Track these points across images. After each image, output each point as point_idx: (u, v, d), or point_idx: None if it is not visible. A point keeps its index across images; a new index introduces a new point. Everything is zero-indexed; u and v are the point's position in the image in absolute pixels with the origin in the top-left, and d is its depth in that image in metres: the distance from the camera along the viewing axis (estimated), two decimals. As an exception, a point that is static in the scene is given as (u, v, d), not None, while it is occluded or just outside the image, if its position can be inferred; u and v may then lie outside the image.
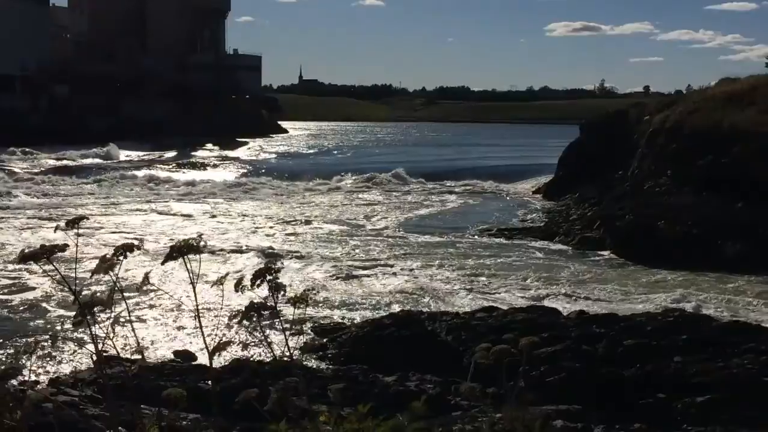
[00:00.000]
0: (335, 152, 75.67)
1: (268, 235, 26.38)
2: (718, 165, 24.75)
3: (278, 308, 2.73)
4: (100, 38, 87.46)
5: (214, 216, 31.61)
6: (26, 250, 2.61)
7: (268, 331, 3.26)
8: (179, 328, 14.11)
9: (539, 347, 10.49)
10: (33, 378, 10.45)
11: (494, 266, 20.91)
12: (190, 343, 12.95)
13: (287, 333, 3.24)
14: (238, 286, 2.69)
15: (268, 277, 2.70)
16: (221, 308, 3.06)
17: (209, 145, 74.32)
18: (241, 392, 4.92)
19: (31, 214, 31.03)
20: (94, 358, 3.12)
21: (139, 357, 5.06)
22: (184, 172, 50.95)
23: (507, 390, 3.22)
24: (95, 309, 2.75)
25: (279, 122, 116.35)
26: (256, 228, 28.08)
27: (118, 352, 3.16)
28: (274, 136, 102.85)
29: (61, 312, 15.17)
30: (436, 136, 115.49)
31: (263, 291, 2.90)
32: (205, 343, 2.94)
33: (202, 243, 2.93)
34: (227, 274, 3.15)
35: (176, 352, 11.74)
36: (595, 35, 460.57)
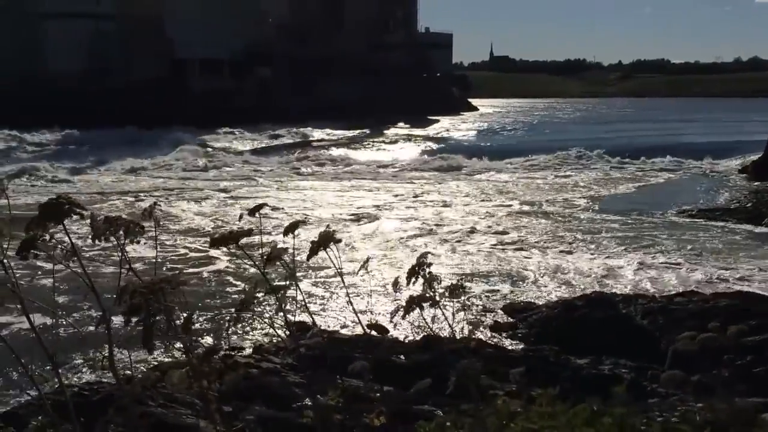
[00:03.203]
0: (525, 130, 74.60)
1: (459, 214, 26.51)
2: None
3: (437, 299, 2.75)
4: (299, 21, 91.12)
5: (415, 196, 32.15)
6: (216, 235, 2.80)
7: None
8: (374, 302, 14.52)
9: (746, 335, 9.86)
10: (239, 344, 11.16)
11: (695, 249, 19.83)
12: (384, 318, 13.31)
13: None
14: (395, 286, 2.75)
15: (422, 273, 2.73)
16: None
17: (401, 124, 75.60)
18: (432, 368, 4.98)
19: (228, 195, 33.07)
20: (290, 329, 3.28)
21: (334, 330, 5.26)
22: (377, 151, 52.24)
23: (712, 379, 3.05)
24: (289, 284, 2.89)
25: (469, 100, 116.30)
26: (450, 206, 28.30)
27: (315, 324, 3.30)
28: (464, 113, 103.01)
29: (241, 284, 15.97)
30: (630, 112, 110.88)
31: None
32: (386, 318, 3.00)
33: (333, 232, 3.00)
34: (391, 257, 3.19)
35: (369, 326, 12.10)
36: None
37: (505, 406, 2.39)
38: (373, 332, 7.29)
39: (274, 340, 9.44)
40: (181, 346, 2.19)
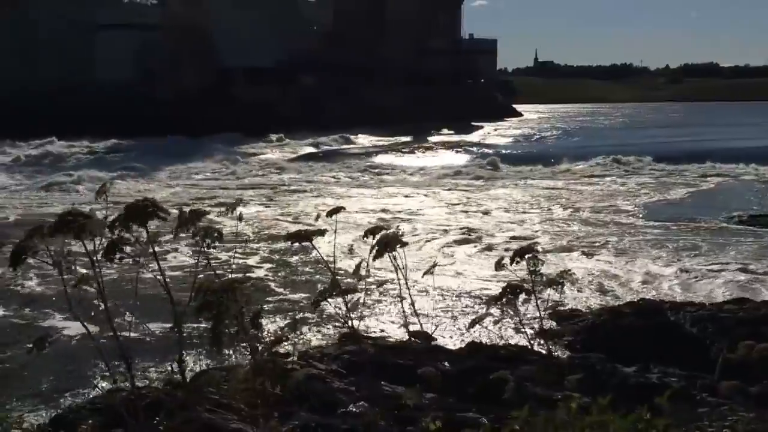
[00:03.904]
0: (570, 135, 73.97)
1: (501, 219, 26.36)
2: None
3: (534, 289, 2.74)
4: (342, 29, 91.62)
5: (456, 203, 32.08)
6: (291, 231, 2.91)
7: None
8: (419, 309, 14.47)
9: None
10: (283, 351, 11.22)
11: (745, 255, 19.44)
12: (427, 324, 13.27)
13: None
14: (499, 264, 2.76)
15: (527, 256, 2.73)
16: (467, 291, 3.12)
17: (444, 130, 75.49)
18: (476, 375, 4.96)
19: (269, 202, 33.29)
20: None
21: (378, 336, 5.27)
22: (419, 157, 52.22)
23: (764, 389, 2.99)
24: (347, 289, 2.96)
25: (513, 106, 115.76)
26: (493, 212, 28.16)
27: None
28: (508, 119, 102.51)
29: (283, 292, 16.03)
30: (679, 116, 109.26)
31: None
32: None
33: (401, 234, 3.07)
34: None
35: (413, 332, 12.06)
36: None
37: (556, 414, 2.37)
38: (417, 339, 7.28)
39: (315, 345, 9.46)
40: (247, 346, 2.23)
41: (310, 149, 59.09)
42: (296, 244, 3.25)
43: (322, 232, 2.83)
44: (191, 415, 3.13)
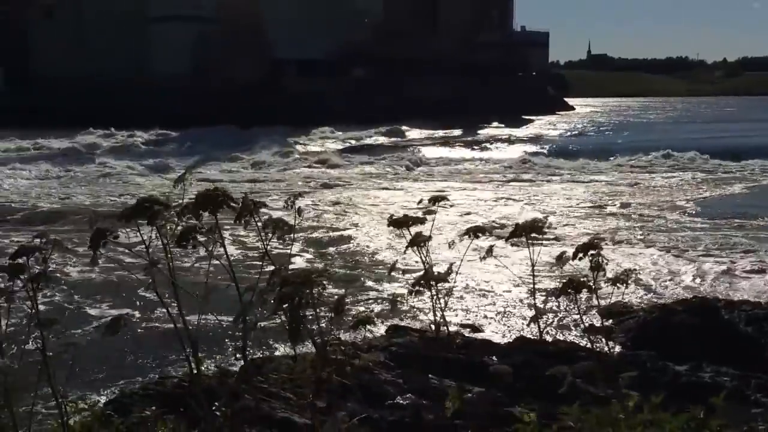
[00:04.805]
0: (622, 129, 72.87)
1: (552, 215, 26.12)
2: None
3: (594, 286, 2.71)
4: (393, 21, 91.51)
5: (508, 198, 31.89)
6: (394, 216, 3.03)
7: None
8: (466, 302, 14.47)
9: None
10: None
11: (803, 254, 18.94)
12: (484, 318, 13.24)
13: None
14: (559, 259, 2.74)
15: (591, 252, 2.69)
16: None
17: (495, 123, 74.97)
18: (524, 370, 4.94)
19: (315, 192, 33.45)
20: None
21: (433, 330, 5.29)
22: (469, 150, 51.95)
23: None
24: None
25: (565, 99, 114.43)
26: (545, 207, 27.95)
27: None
28: (560, 113, 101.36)
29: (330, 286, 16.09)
30: (737, 111, 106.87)
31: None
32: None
33: (545, 224, 3.11)
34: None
35: (463, 325, 12.06)
36: None
37: (609, 411, 2.34)
38: (467, 331, 7.27)
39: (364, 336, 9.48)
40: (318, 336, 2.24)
41: (359, 141, 59.22)
42: (397, 229, 3.31)
43: (422, 221, 2.93)
44: (241, 403, 3.18)
